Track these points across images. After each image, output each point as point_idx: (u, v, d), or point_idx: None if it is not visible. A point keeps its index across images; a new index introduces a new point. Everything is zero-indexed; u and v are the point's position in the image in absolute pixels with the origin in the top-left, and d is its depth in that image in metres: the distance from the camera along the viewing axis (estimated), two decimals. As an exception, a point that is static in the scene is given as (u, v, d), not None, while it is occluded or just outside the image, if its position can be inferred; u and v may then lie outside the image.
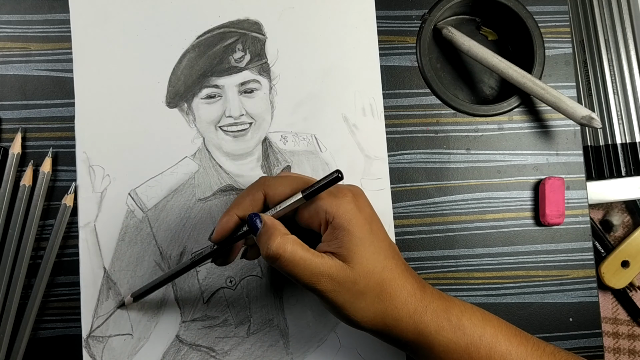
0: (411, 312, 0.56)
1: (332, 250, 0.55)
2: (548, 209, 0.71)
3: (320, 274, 0.53)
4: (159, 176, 0.69)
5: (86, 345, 0.67)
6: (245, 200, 0.58)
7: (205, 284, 0.68)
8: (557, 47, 0.74)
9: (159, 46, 0.70)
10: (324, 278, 0.53)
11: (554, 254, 0.72)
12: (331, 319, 0.69)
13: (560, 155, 0.73)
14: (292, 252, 0.53)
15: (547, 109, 0.73)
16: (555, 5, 0.74)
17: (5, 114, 0.69)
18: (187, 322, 0.68)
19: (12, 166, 0.67)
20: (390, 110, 0.72)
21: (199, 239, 0.69)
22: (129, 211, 0.68)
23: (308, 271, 0.53)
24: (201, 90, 0.70)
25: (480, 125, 0.73)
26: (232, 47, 0.71)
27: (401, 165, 0.72)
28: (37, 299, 0.66)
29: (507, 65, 0.70)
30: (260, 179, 0.59)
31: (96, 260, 0.68)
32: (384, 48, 0.73)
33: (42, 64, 0.70)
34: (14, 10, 0.70)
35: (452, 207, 0.72)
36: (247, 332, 0.68)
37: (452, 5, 0.73)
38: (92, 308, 0.67)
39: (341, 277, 0.54)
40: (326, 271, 0.53)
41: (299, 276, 0.54)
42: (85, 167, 0.69)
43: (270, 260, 0.54)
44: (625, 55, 0.80)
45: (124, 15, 0.71)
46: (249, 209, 0.57)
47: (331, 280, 0.54)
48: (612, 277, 0.83)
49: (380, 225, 0.58)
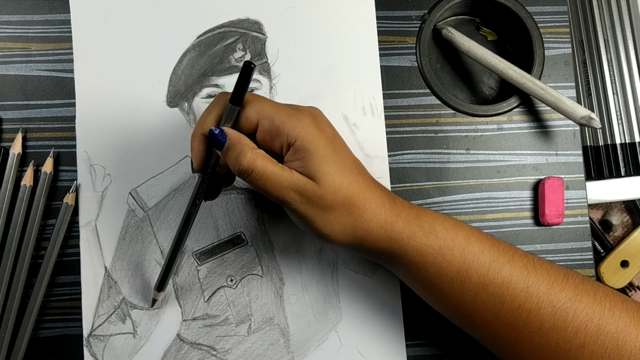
0: (381, 222, 0.57)
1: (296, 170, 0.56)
2: (547, 209, 0.71)
3: (289, 187, 0.55)
4: (159, 175, 0.69)
5: (87, 344, 0.67)
6: (208, 119, 0.58)
7: (206, 282, 0.69)
8: (557, 48, 0.74)
9: (159, 46, 0.71)
10: (292, 191, 0.55)
11: (553, 254, 0.72)
12: (332, 318, 0.69)
13: (559, 156, 0.73)
14: (263, 167, 0.55)
15: (547, 109, 0.73)
16: (555, 6, 0.74)
17: (5, 114, 0.69)
18: (187, 321, 0.68)
19: (12, 166, 0.67)
20: (390, 111, 0.72)
21: (199, 238, 0.69)
22: (130, 210, 0.69)
23: (278, 184, 0.55)
24: (202, 90, 0.70)
25: (480, 126, 0.73)
26: (233, 46, 0.71)
27: (401, 165, 0.72)
28: (38, 299, 0.66)
29: (506, 66, 0.70)
30: (220, 94, 0.59)
31: (97, 260, 0.68)
32: (384, 48, 0.73)
33: (43, 64, 0.70)
34: (15, 10, 0.71)
35: (451, 207, 0.72)
36: (248, 330, 0.68)
37: (452, 6, 0.73)
38: (93, 307, 0.67)
39: (309, 191, 0.55)
40: (294, 184, 0.55)
41: (269, 190, 0.55)
42: (86, 167, 0.69)
43: (242, 175, 0.55)
44: (624, 55, 0.80)
45: (124, 15, 0.71)
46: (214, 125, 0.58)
47: (299, 193, 0.55)
48: (611, 277, 0.83)
49: (343, 144, 0.59)
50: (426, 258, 0.57)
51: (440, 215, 0.60)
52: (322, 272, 0.70)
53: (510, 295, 0.56)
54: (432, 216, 0.59)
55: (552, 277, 0.56)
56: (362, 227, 0.57)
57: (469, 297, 0.57)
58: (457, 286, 0.57)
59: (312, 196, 0.55)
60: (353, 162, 0.58)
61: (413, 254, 0.57)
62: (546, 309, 0.55)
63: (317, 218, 0.56)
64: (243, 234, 0.69)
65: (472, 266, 0.57)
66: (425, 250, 0.57)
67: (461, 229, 0.59)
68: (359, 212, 0.56)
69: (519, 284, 0.56)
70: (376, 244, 0.58)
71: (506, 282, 0.56)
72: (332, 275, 0.70)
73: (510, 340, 0.57)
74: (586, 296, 0.55)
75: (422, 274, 0.58)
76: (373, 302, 0.69)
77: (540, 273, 0.57)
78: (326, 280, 0.70)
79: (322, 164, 0.55)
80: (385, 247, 0.58)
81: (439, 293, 0.58)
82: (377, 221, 0.57)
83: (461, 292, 0.57)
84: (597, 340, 0.54)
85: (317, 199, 0.55)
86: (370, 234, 0.57)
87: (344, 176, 0.56)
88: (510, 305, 0.56)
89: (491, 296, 0.56)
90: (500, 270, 0.56)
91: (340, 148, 0.58)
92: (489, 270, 0.56)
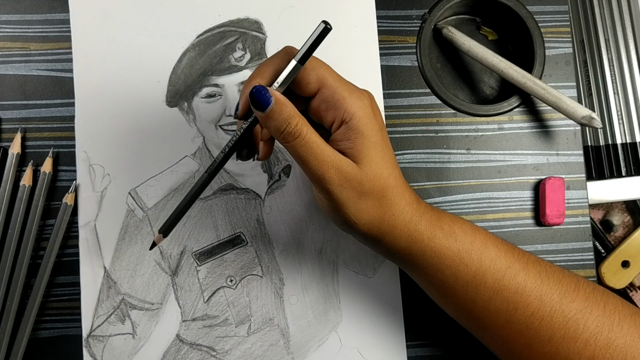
0: (407, 220, 0.56)
1: (342, 149, 0.54)
2: (548, 209, 0.70)
3: (331, 163, 0.53)
4: (159, 175, 0.69)
5: (86, 345, 0.67)
6: (268, 68, 0.55)
7: (206, 283, 0.68)
8: (558, 47, 0.74)
9: (159, 45, 0.70)
10: (333, 169, 0.53)
11: (554, 254, 0.72)
12: (332, 318, 0.69)
13: (560, 155, 0.73)
14: (309, 134, 0.52)
15: (548, 109, 0.73)
16: (556, 5, 0.74)
17: (4, 114, 0.69)
18: (187, 322, 0.68)
19: (11, 166, 0.67)
20: (391, 110, 0.72)
21: (199, 238, 0.69)
22: (129, 210, 0.68)
23: (321, 157, 0.52)
24: (201, 89, 0.70)
25: (481, 125, 0.73)
26: (232, 46, 0.71)
27: (401, 165, 0.71)
28: (37, 299, 0.66)
29: (507, 65, 0.70)
30: (285, 47, 0.56)
31: (96, 260, 0.68)
32: (384, 48, 0.73)
33: (42, 64, 0.70)
34: (14, 10, 0.70)
35: (452, 207, 0.72)
36: (248, 331, 0.68)
37: (452, 5, 0.73)
38: (93, 307, 0.67)
39: (349, 173, 0.53)
40: (337, 163, 0.53)
41: (310, 161, 0.53)
42: (85, 167, 0.69)
43: (289, 137, 0.52)
44: (625, 54, 0.80)
45: (123, 14, 0.71)
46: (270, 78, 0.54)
47: (339, 173, 0.53)
48: (612, 277, 0.83)
49: (387, 135, 0.58)
50: (444, 260, 0.57)
51: (459, 218, 0.60)
52: (322, 272, 0.69)
53: (524, 302, 0.56)
54: (452, 219, 0.59)
55: (564, 286, 0.56)
56: (388, 222, 0.56)
57: (482, 301, 0.57)
58: (472, 290, 0.57)
59: (352, 179, 0.54)
60: (393, 156, 0.57)
61: (431, 255, 0.57)
62: (558, 319, 0.55)
63: (350, 203, 0.55)
64: (243, 234, 0.69)
65: (488, 270, 0.57)
66: (444, 252, 0.57)
67: (479, 233, 0.59)
68: (390, 205, 0.56)
69: (533, 291, 0.56)
70: (397, 240, 0.57)
71: (520, 289, 0.56)
72: (333, 275, 0.69)
73: (519, 347, 0.57)
74: (596, 308, 0.55)
75: (438, 276, 0.58)
76: (373, 303, 0.69)
77: (553, 281, 0.57)
78: (326, 280, 0.69)
79: (370, 149, 0.54)
80: (405, 245, 0.57)
81: (452, 295, 0.58)
82: (403, 218, 0.56)
83: (475, 295, 0.57)
84: (606, 353, 0.54)
85: (355, 183, 0.54)
86: (394, 230, 0.57)
87: (386, 167, 0.55)
88: (524, 312, 0.56)
89: (505, 302, 0.56)
90: (516, 276, 0.56)
91: (387, 138, 0.57)
92: (504, 276, 0.56)
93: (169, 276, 0.68)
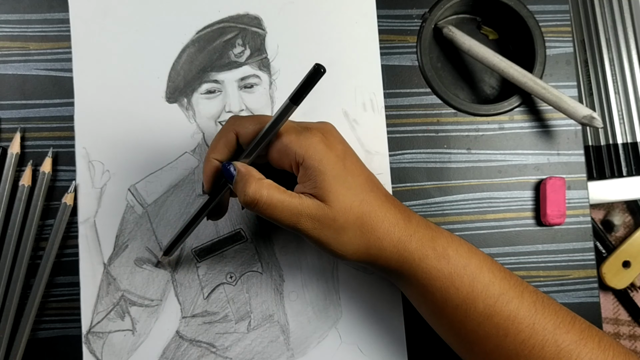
0: (395, 241, 0.57)
1: (308, 191, 0.55)
2: (549, 209, 0.70)
3: (299, 214, 0.54)
4: (158, 172, 0.69)
5: (86, 341, 0.67)
6: (220, 143, 0.58)
7: (206, 279, 0.68)
8: (558, 47, 0.74)
9: (158, 41, 0.70)
10: (303, 218, 0.55)
11: (554, 254, 0.72)
12: (332, 315, 0.69)
13: (561, 155, 0.73)
14: (269, 196, 0.54)
15: (548, 109, 0.73)
16: (556, 5, 0.74)
17: (4, 114, 0.69)
18: (187, 318, 0.68)
19: (10, 166, 0.67)
20: (391, 110, 0.72)
21: (198, 234, 0.69)
22: (129, 207, 0.68)
23: (287, 212, 0.54)
24: (201, 86, 0.70)
25: (481, 125, 0.73)
26: (232, 42, 0.71)
27: (401, 165, 0.71)
28: (37, 299, 0.66)
29: (507, 65, 0.70)
30: (230, 119, 0.59)
31: (96, 256, 0.68)
32: (385, 47, 0.73)
33: (41, 64, 0.70)
34: (13, 9, 0.70)
35: (452, 207, 0.72)
36: (248, 327, 0.68)
37: (453, 5, 0.73)
38: (92, 304, 0.67)
39: (320, 216, 0.55)
40: (305, 211, 0.54)
41: (279, 218, 0.55)
42: (84, 163, 0.69)
43: (249, 206, 0.55)
44: (626, 54, 0.80)
45: (123, 11, 0.71)
46: (225, 150, 0.58)
47: (311, 219, 0.55)
48: (613, 277, 0.83)
49: (355, 160, 0.58)
50: (434, 282, 0.57)
51: (456, 239, 0.59)
52: (322, 269, 0.69)
53: (515, 329, 0.55)
54: (448, 240, 0.58)
55: (560, 318, 0.56)
56: (375, 246, 0.57)
57: (471, 325, 0.57)
58: (461, 313, 0.57)
59: (324, 219, 0.55)
60: (365, 179, 0.58)
61: (422, 276, 0.57)
62: (550, 348, 0.55)
63: (331, 241, 0.56)
64: (242, 230, 0.69)
65: (479, 296, 0.56)
66: (435, 274, 0.57)
67: (474, 256, 0.58)
68: (372, 230, 0.56)
69: (525, 319, 0.56)
70: (388, 262, 0.57)
71: (512, 316, 0.56)
72: (332, 272, 0.69)
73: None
74: (591, 342, 0.55)
75: (428, 297, 0.58)
76: (373, 299, 0.69)
77: (548, 312, 0.56)
78: (326, 277, 0.69)
79: (332, 184, 0.55)
80: (396, 266, 0.57)
81: (441, 317, 0.58)
82: (390, 240, 0.56)
83: (465, 319, 0.57)
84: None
85: (329, 222, 0.55)
86: (383, 252, 0.57)
87: (355, 195, 0.56)
88: (514, 339, 0.55)
89: (495, 327, 0.56)
90: (509, 303, 0.56)
91: (352, 165, 0.57)
92: (496, 302, 0.56)
93: (169, 273, 0.68)
